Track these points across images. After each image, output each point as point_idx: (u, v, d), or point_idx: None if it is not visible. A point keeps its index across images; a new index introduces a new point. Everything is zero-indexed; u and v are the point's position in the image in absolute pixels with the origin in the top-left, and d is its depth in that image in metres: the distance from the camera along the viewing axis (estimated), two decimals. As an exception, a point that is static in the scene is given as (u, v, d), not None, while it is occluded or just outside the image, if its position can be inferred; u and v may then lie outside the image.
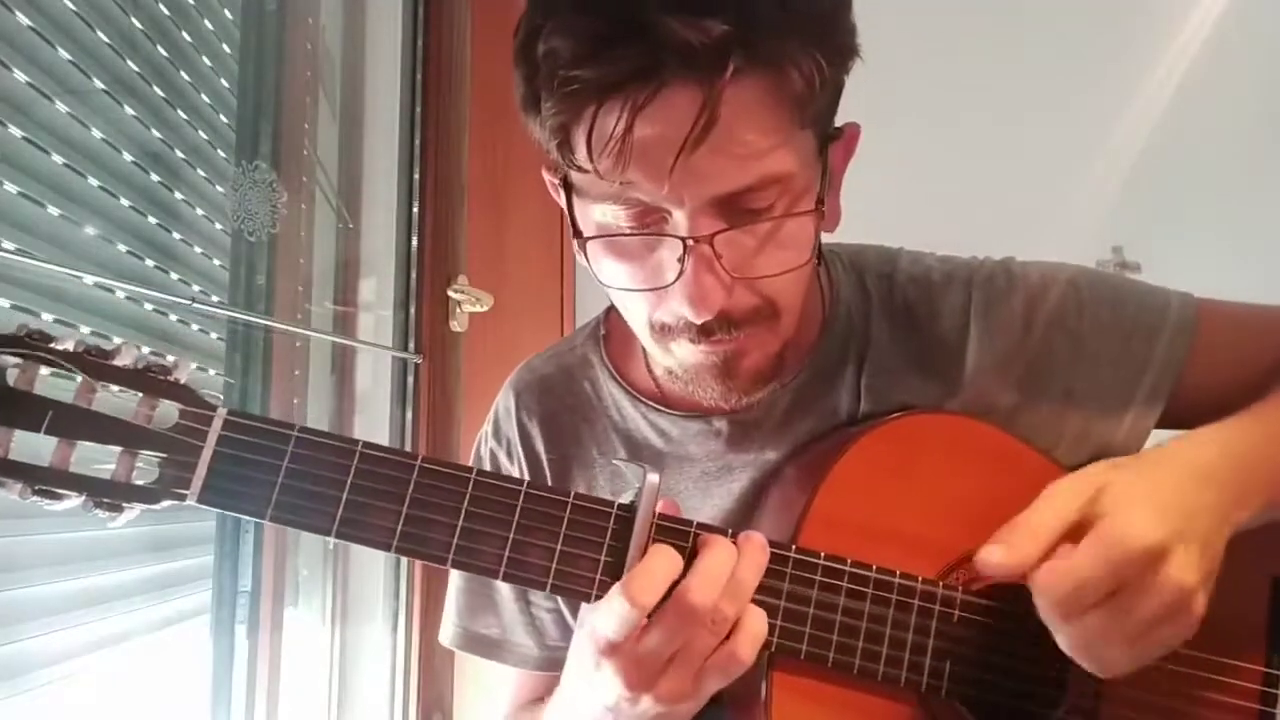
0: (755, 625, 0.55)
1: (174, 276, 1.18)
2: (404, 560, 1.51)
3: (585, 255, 0.62)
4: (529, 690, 0.81)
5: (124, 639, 1.05)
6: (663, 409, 0.75)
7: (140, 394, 0.53)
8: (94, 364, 0.52)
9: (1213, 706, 0.62)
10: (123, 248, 1.07)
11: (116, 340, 0.55)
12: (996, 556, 0.55)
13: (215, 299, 1.27)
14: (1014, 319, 0.71)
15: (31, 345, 0.51)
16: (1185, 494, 0.57)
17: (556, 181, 0.63)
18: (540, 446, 0.78)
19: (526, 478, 0.76)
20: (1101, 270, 0.75)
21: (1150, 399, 0.70)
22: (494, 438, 0.81)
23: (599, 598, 0.56)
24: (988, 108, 1.92)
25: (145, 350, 0.55)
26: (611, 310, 0.80)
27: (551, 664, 0.78)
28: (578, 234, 0.61)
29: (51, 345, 0.51)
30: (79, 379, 0.52)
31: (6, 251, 0.84)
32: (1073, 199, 1.91)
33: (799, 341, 0.71)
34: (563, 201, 0.63)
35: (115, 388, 0.53)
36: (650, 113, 0.52)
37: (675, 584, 0.54)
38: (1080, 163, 1.93)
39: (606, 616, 0.54)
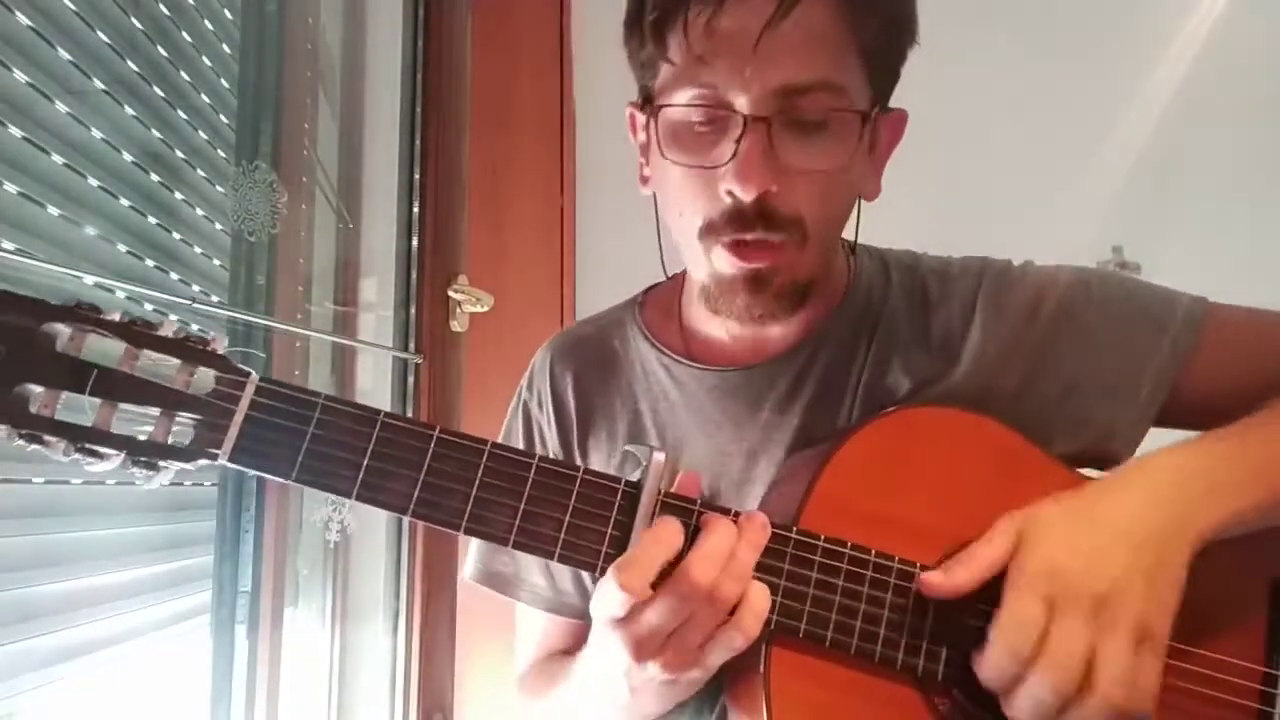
0: (759, 600, 0.57)
1: (174, 276, 1.18)
2: (404, 560, 1.51)
3: (658, 141, 0.67)
4: (552, 639, 0.84)
5: (124, 639, 1.05)
6: (683, 360, 0.78)
7: (179, 361, 0.56)
8: (138, 333, 0.56)
9: (1213, 704, 0.63)
10: (123, 248, 1.07)
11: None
12: (935, 578, 0.61)
13: (215, 299, 1.27)
14: (1020, 305, 0.74)
15: (81, 316, 0.55)
16: (1115, 507, 0.60)
17: (638, 110, 0.71)
18: (569, 397, 0.83)
19: (554, 425, 0.83)
20: (1114, 271, 0.77)
21: (1152, 394, 0.71)
22: (527, 389, 0.87)
23: (604, 570, 0.58)
24: (987, 108, 1.92)
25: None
26: (650, 289, 0.87)
27: (562, 607, 0.81)
28: (653, 108, 0.68)
29: (100, 316, 0.56)
30: (123, 346, 0.56)
31: (6, 251, 0.84)
32: (1073, 199, 1.91)
33: (822, 295, 0.75)
34: (640, 131, 0.72)
35: (156, 355, 0.56)
36: (734, 6, 0.62)
37: (677, 561, 0.57)
38: (1080, 163, 1.93)
39: (606, 596, 0.57)
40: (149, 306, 1.11)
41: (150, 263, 1.12)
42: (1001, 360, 0.73)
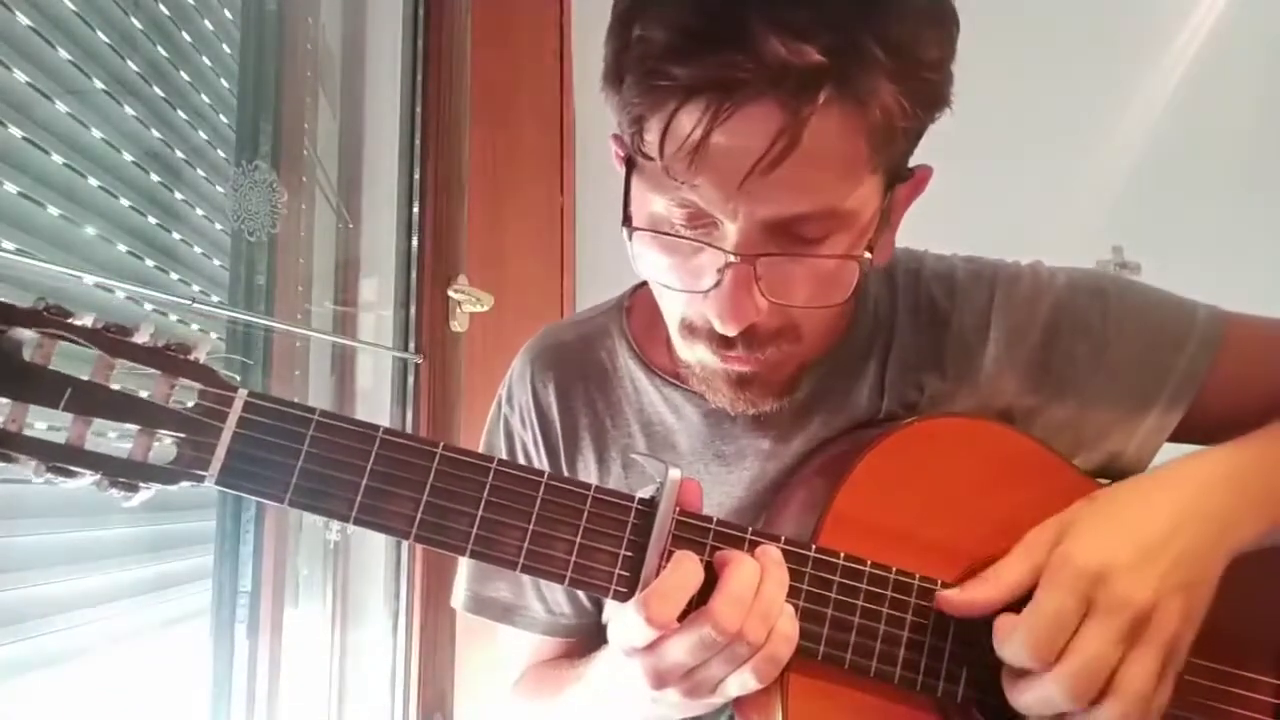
0: (787, 627, 0.55)
1: (174, 276, 1.18)
2: (404, 560, 1.51)
3: (630, 240, 0.61)
4: (543, 653, 0.81)
5: (124, 639, 1.05)
6: (678, 385, 0.74)
7: (159, 372, 0.52)
8: (112, 341, 0.51)
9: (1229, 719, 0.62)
10: (123, 248, 1.07)
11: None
12: (953, 596, 0.58)
13: (215, 299, 1.27)
14: (1036, 321, 0.71)
15: (50, 320, 0.50)
16: (1154, 516, 0.58)
17: (621, 155, 0.62)
18: (554, 413, 0.77)
19: (541, 445, 0.77)
20: (1131, 279, 0.74)
21: (1167, 409, 0.69)
22: (507, 403, 0.81)
23: (617, 593, 0.56)
24: (987, 108, 1.92)
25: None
26: (640, 286, 0.80)
27: (558, 629, 0.79)
28: (628, 219, 0.61)
29: (69, 320, 0.51)
30: (96, 355, 0.51)
31: (6, 251, 0.84)
32: (1073, 199, 1.91)
33: (822, 349, 0.71)
34: (622, 163, 0.63)
35: (134, 365, 0.52)
36: (729, 125, 0.51)
37: (702, 590, 0.54)
38: (1080, 163, 1.93)
39: (628, 626, 0.54)
40: (149, 306, 1.11)
41: (150, 263, 1.12)
42: (1017, 377, 0.70)
